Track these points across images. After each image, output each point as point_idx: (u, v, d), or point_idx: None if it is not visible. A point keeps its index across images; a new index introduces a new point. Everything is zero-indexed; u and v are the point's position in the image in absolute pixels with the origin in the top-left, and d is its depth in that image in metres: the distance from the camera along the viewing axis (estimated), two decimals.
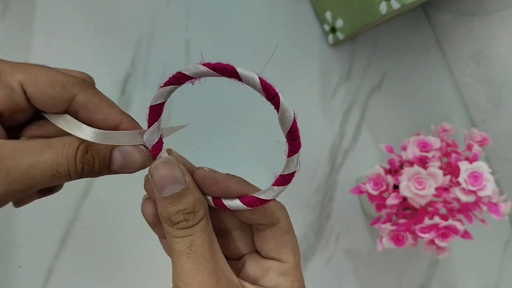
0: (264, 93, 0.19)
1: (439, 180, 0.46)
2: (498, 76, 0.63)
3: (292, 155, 0.21)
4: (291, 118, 0.20)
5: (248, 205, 0.23)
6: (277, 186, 0.23)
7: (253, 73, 0.19)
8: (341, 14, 0.56)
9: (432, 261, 0.62)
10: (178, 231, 0.21)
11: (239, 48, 0.55)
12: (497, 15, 0.60)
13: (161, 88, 0.21)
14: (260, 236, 0.24)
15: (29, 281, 0.42)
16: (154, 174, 0.21)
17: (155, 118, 0.21)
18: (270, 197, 0.22)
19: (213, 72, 0.20)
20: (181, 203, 0.21)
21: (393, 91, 0.64)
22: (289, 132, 0.20)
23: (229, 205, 0.23)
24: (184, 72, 0.20)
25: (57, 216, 0.44)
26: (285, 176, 0.22)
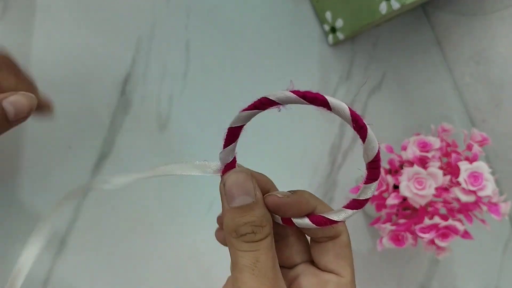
0: (353, 124, 0.20)
1: (439, 180, 0.46)
2: (498, 76, 0.63)
3: (370, 182, 0.21)
4: (376, 150, 0.20)
5: (317, 224, 0.23)
6: (349, 209, 0.23)
7: (343, 103, 0.19)
8: (341, 14, 0.56)
9: (432, 261, 0.62)
10: (243, 244, 0.21)
11: (239, 48, 0.55)
12: (497, 15, 0.60)
13: (243, 111, 0.21)
14: (319, 247, 0.24)
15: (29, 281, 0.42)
16: (227, 182, 0.22)
17: (232, 139, 0.22)
18: (340, 219, 0.23)
19: (301, 100, 0.20)
20: (250, 215, 0.21)
21: (393, 91, 0.64)
22: (371, 162, 0.20)
23: (298, 223, 0.23)
24: (271, 98, 0.20)
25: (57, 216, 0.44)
26: (360, 201, 0.22)
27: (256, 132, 0.54)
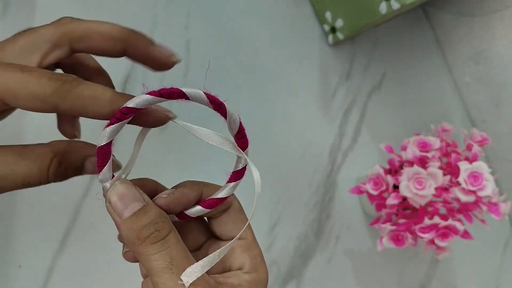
0: (212, 105, 0.21)
1: (439, 180, 0.46)
2: (498, 76, 0.63)
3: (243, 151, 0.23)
4: (238, 121, 0.21)
5: (209, 207, 0.23)
6: (231, 182, 0.24)
7: (198, 89, 0.20)
8: (341, 14, 0.56)
9: (432, 261, 0.62)
10: (152, 246, 0.20)
11: (239, 48, 0.55)
12: (497, 15, 0.60)
13: (107, 127, 0.20)
14: (217, 222, 0.25)
15: (29, 281, 0.42)
16: (111, 197, 0.21)
17: (106, 158, 0.21)
18: (227, 195, 0.24)
19: (159, 98, 0.20)
20: (146, 217, 0.21)
21: (393, 91, 0.64)
22: (237, 133, 0.22)
23: (192, 213, 0.23)
24: (130, 106, 0.20)
25: (57, 216, 0.44)
26: (239, 171, 0.23)
27: (256, 133, 0.54)
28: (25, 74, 0.19)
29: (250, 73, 0.55)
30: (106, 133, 0.21)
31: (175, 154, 0.50)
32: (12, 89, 0.19)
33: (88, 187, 0.45)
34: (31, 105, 0.19)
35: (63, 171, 0.21)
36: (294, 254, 0.54)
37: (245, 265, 0.24)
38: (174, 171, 0.49)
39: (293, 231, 0.55)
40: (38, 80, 0.19)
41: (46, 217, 0.43)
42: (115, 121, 0.20)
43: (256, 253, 0.25)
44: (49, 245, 0.43)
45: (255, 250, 0.25)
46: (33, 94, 0.19)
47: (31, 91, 0.19)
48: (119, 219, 0.21)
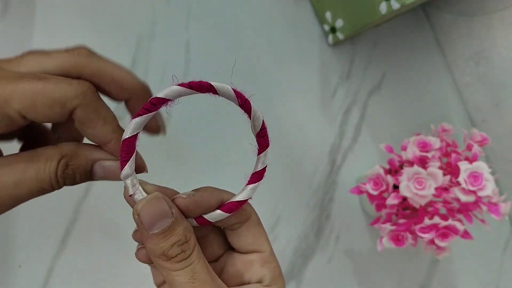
0: (238, 100, 0.21)
1: (439, 180, 0.46)
2: (498, 76, 0.63)
3: (262, 151, 0.23)
4: (261, 119, 0.21)
5: (229, 212, 0.23)
6: (251, 184, 0.23)
7: (226, 85, 0.21)
8: (341, 14, 0.56)
9: (432, 261, 0.62)
10: (176, 264, 0.21)
11: (239, 49, 0.55)
12: (497, 15, 0.60)
13: (134, 118, 0.20)
14: (236, 234, 0.25)
15: (29, 281, 0.42)
16: (142, 214, 0.21)
17: (130, 152, 0.21)
18: (247, 197, 0.23)
19: (189, 90, 0.20)
20: (174, 236, 0.21)
21: (393, 91, 0.64)
22: (259, 131, 0.22)
23: (212, 218, 0.23)
24: (160, 96, 0.20)
25: (57, 216, 0.44)
26: (259, 172, 0.23)
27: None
28: (42, 82, 0.19)
29: (250, 73, 0.55)
30: (133, 124, 0.20)
31: (176, 154, 0.50)
32: (30, 98, 0.19)
33: (88, 187, 0.45)
34: (51, 113, 0.20)
35: (71, 174, 0.21)
36: (294, 254, 0.54)
37: (265, 278, 0.24)
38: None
39: (293, 231, 0.55)
40: (57, 86, 0.20)
41: (46, 217, 0.43)
42: (144, 112, 0.20)
43: (274, 266, 0.25)
44: (49, 245, 0.43)
45: (273, 262, 0.25)
46: (54, 100, 0.19)
47: (51, 97, 0.19)
48: (147, 233, 0.21)
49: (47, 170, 0.20)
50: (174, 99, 0.20)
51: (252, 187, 0.23)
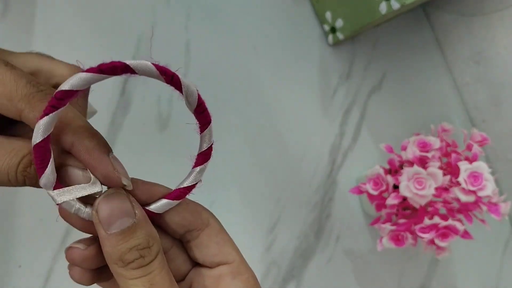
0: (163, 76, 0.18)
1: (439, 180, 0.46)
2: (498, 76, 0.63)
3: (205, 128, 0.20)
4: (195, 92, 0.19)
5: (177, 198, 0.21)
6: (198, 166, 0.21)
7: (144, 60, 0.17)
8: (341, 14, 0.56)
9: (432, 261, 0.62)
10: (133, 271, 0.19)
11: (239, 48, 0.55)
12: (497, 15, 0.60)
13: (40, 120, 0.17)
14: (196, 245, 0.22)
15: (29, 281, 0.42)
16: (100, 209, 0.19)
17: (46, 158, 0.18)
18: (195, 181, 0.21)
19: (100, 75, 0.17)
20: (134, 239, 0.19)
21: (393, 91, 0.64)
22: (196, 107, 0.19)
23: (158, 209, 0.21)
24: (66, 88, 0.17)
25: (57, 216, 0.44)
26: (205, 152, 0.21)
27: (256, 133, 0.54)
28: (7, 68, 0.18)
29: (249, 73, 0.55)
30: (40, 126, 0.17)
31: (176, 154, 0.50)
32: None
33: None
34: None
35: (32, 174, 0.19)
36: (294, 254, 0.54)
37: None
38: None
39: (293, 231, 0.55)
40: (16, 78, 0.18)
41: (46, 217, 0.43)
42: (50, 110, 0.17)
43: (247, 277, 0.22)
44: (49, 245, 0.43)
45: (245, 273, 0.22)
46: (5, 92, 0.18)
47: (5, 87, 0.18)
48: (104, 233, 0.19)
49: (7, 162, 0.18)
50: (84, 88, 0.17)
51: (199, 169, 0.21)
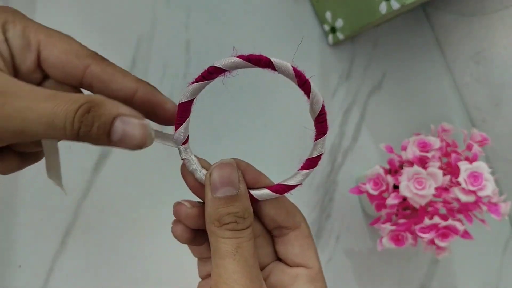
0: (297, 79, 0.20)
1: (439, 180, 0.46)
2: (498, 76, 0.63)
3: (320, 137, 0.22)
4: (321, 102, 0.21)
5: (278, 192, 0.23)
6: (303, 170, 0.23)
7: (286, 62, 0.20)
8: (341, 14, 0.56)
9: (432, 261, 0.62)
10: (226, 232, 0.21)
11: (239, 48, 0.55)
12: (497, 15, 0.60)
13: (192, 83, 0.21)
14: (283, 242, 0.24)
15: (29, 281, 0.42)
16: (213, 173, 0.22)
17: (184, 116, 0.22)
18: (298, 182, 0.23)
19: (247, 63, 0.20)
20: (233, 206, 0.21)
21: (393, 91, 0.64)
22: (318, 115, 0.21)
23: (258, 195, 0.23)
24: (218, 66, 0.21)
25: (57, 216, 0.44)
26: (313, 159, 0.22)
27: (256, 133, 0.54)
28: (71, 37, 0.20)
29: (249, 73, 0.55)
30: (190, 89, 0.21)
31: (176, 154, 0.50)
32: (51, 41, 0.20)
33: (88, 187, 0.45)
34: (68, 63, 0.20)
35: (90, 121, 0.19)
36: None
37: None
38: None
39: None
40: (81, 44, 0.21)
41: (46, 217, 0.43)
42: (200, 79, 0.21)
43: (322, 285, 0.24)
44: (49, 245, 0.43)
45: (320, 282, 0.24)
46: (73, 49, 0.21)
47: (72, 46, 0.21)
48: (210, 195, 0.21)
49: (66, 107, 0.19)
50: (230, 70, 0.21)
51: (304, 173, 0.22)
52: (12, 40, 0.20)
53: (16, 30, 0.20)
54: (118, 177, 0.47)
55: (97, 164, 0.46)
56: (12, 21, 0.20)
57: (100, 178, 0.46)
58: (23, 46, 0.20)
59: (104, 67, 0.21)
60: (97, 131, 0.19)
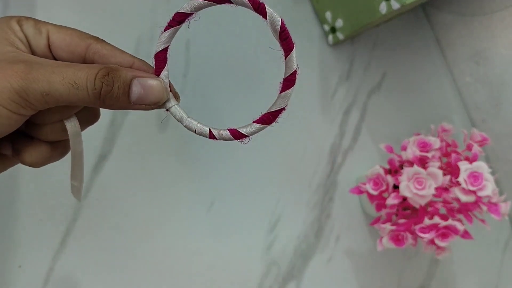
0: (250, 3, 0.21)
1: (439, 180, 0.46)
2: (498, 76, 0.63)
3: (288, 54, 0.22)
4: (279, 20, 0.22)
5: (265, 123, 0.24)
6: (283, 92, 0.23)
7: None
8: (341, 14, 0.56)
9: (432, 261, 0.62)
10: None
11: (238, 48, 0.55)
12: (497, 15, 0.60)
13: (163, 33, 0.23)
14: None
15: (29, 281, 0.42)
16: None
17: (162, 65, 0.23)
18: (281, 106, 0.23)
19: (208, 2, 0.22)
20: None
21: (393, 91, 0.64)
22: (280, 32, 0.22)
23: (248, 132, 0.24)
24: (182, 11, 0.22)
25: (57, 216, 0.44)
26: (288, 78, 0.23)
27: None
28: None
29: (249, 73, 0.55)
30: (162, 38, 0.23)
31: (176, 154, 0.50)
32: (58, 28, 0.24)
33: (88, 187, 0.45)
34: (72, 42, 0.24)
35: (110, 81, 0.22)
36: (294, 254, 0.54)
37: None
38: None
39: (293, 231, 0.55)
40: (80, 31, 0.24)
41: (46, 217, 0.43)
42: (169, 28, 0.22)
43: None
44: (49, 245, 0.43)
45: None
46: (76, 33, 0.24)
47: (75, 31, 0.24)
48: None
49: (86, 71, 0.22)
50: (194, 13, 0.22)
51: (283, 94, 0.23)
52: (27, 30, 0.24)
53: (29, 22, 0.24)
54: (118, 177, 0.47)
55: (97, 164, 0.46)
56: (25, 18, 0.24)
57: (100, 178, 0.46)
58: (35, 33, 0.24)
59: (104, 44, 0.25)
60: (118, 91, 0.22)
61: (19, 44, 0.23)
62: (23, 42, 0.23)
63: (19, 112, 0.21)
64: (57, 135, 0.25)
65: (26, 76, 0.21)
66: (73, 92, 0.21)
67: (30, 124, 0.25)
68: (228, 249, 0.51)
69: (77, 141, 0.26)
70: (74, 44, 0.24)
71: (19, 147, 0.25)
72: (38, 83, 0.21)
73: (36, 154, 0.25)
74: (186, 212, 0.49)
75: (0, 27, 0.23)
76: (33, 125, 0.25)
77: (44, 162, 0.26)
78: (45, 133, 0.25)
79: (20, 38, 0.23)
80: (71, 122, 0.25)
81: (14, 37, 0.23)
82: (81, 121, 0.26)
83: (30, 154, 0.25)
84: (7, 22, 0.23)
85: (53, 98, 0.21)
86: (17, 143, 0.25)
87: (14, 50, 0.23)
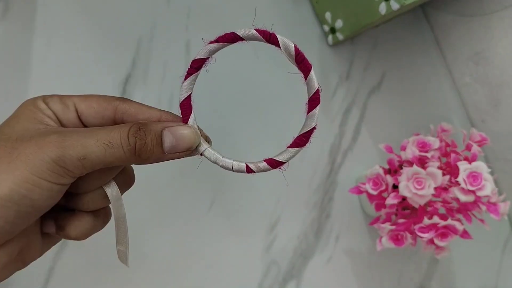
0: (261, 35, 0.22)
1: (438, 180, 0.46)
2: (497, 76, 0.63)
3: (307, 75, 0.23)
4: (292, 45, 0.22)
5: (299, 146, 0.25)
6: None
7: (247, 28, 0.22)
8: (340, 14, 0.57)
9: (431, 261, 0.62)
10: None
11: (238, 48, 0.55)
12: (496, 15, 0.60)
13: (184, 82, 0.23)
14: None
15: (29, 281, 0.42)
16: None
17: (188, 112, 0.24)
18: (311, 126, 0.24)
19: (220, 44, 0.22)
20: None
21: (392, 91, 0.64)
22: (295, 56, 0.22)
23: (284, 158, 0.25)
24: (199, 57, 0.23)
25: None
26: (312, 98, 0.24)
27: (256, 132, 0.55)
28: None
29: (249, 73, 0.56)
30: (184, 87, 0.23)
31: None
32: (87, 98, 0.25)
33: None
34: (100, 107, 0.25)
35: (142, 135, 0.23)
36: (294, 254, 0.54)
37: None
38: None
39: (293, 231, 0.55)
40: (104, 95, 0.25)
41: None
42: (188, 76, 0.23)
43: None
44: None
45: None
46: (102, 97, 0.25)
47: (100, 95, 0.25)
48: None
49: (118, 129, 0.22)
50: (210, 57, 0.23)
51: (311, 114, 0.24)
52: (53, 106, 0.24)
53: (54, 99, 0.24)
54: None
55: None
56: (49, 96, 0.25)
57: None
58: (63, 108, 0.24)
59: (130, 103, 0.25)
60: (151, 143, 0.23)
61: (49, 120, 0.24)
62: (52, 118, 0.24)
63: (59, 182, 0.21)
64: (98, 202, 0.25)
65: (60, 144, 0.21)
66: (109, 152, 0.22)
67: (70, 196, 0.25)
68: (228, 249, 0.51)
69: (119, 205, 0.26)
70: (102, 109, 0.25)
71: (61, 223, 0.25)
72: (73, 148, 0.21)
73: (80, 226, 0.25)
74: (186, 212, 0.49)
75: (27, 108, 0.24)
76: (74, 197, 0.25)
77: (89, 233, 0.26)
78: (87, 203, 0.25)
79: (49, 116, 0.24)
80: (111, 187, 0.25)
81: (43, 115, 0.24)
82: (119, 185, 0.26)
83: (74, 228, 0.25)
84: (33, 102, 0.24)
85: (90, 162, 0.22)
86: (59, 219, 0.25)
87: (45, 126, 0.23)
